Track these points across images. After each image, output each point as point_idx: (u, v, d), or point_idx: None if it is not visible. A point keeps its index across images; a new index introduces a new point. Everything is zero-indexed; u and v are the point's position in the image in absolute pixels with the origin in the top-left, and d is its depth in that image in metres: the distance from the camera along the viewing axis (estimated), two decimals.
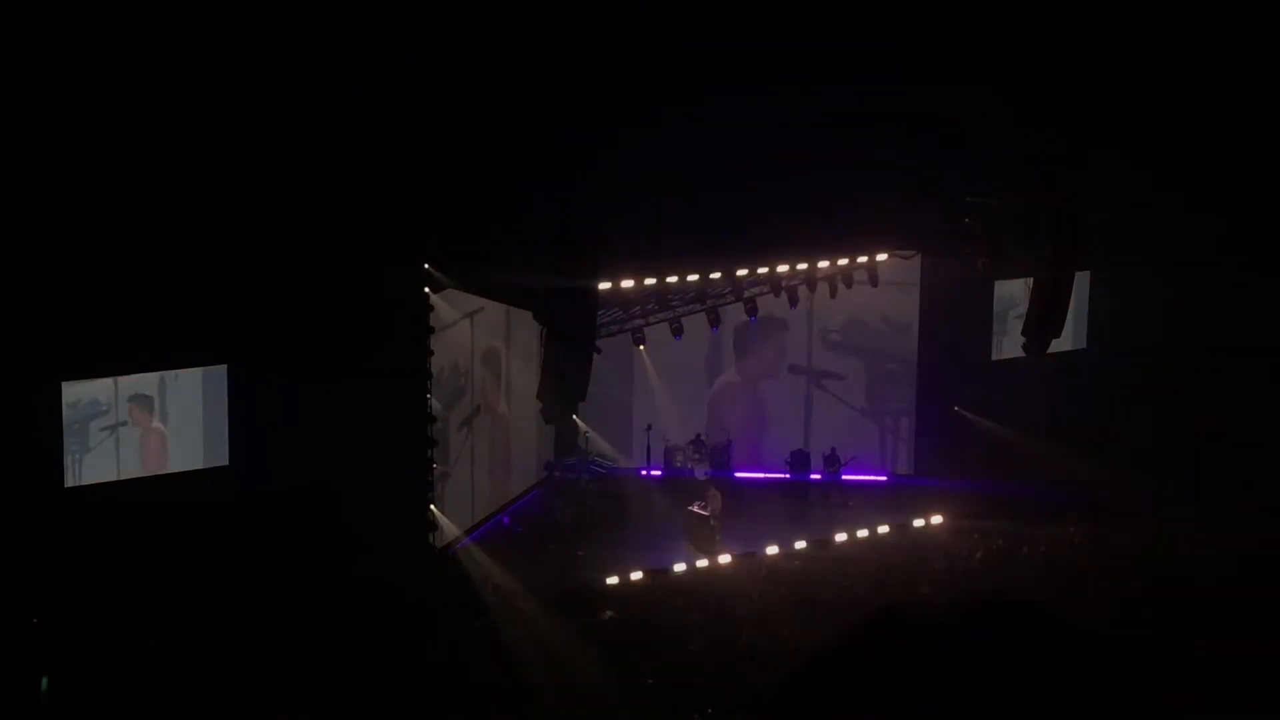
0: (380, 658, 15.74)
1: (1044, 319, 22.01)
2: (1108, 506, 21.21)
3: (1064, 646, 1.28)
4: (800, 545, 21.39)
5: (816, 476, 24.54)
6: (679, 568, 20.31)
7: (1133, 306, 23.65)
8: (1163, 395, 23.07)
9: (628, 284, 21.04)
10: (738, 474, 24.82)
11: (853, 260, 23.44)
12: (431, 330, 19.54)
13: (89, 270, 15.81)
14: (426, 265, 19.16)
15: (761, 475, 25.08)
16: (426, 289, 19.32)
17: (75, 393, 16.58)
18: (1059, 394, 23.81)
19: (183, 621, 15.62)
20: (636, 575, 19.84)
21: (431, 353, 19.59)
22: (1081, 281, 23.63)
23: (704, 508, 21.66)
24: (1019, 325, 23.53)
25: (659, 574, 19.89)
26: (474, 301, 21.11)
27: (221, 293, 16.83)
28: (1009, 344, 24.50)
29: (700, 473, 24.28)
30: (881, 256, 23.51)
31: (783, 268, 22.77)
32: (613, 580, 19.72)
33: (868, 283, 24.06)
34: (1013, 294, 24.63)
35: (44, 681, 13.67)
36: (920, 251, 24.24)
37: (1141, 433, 22.50)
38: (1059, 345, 23.13)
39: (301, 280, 17.30)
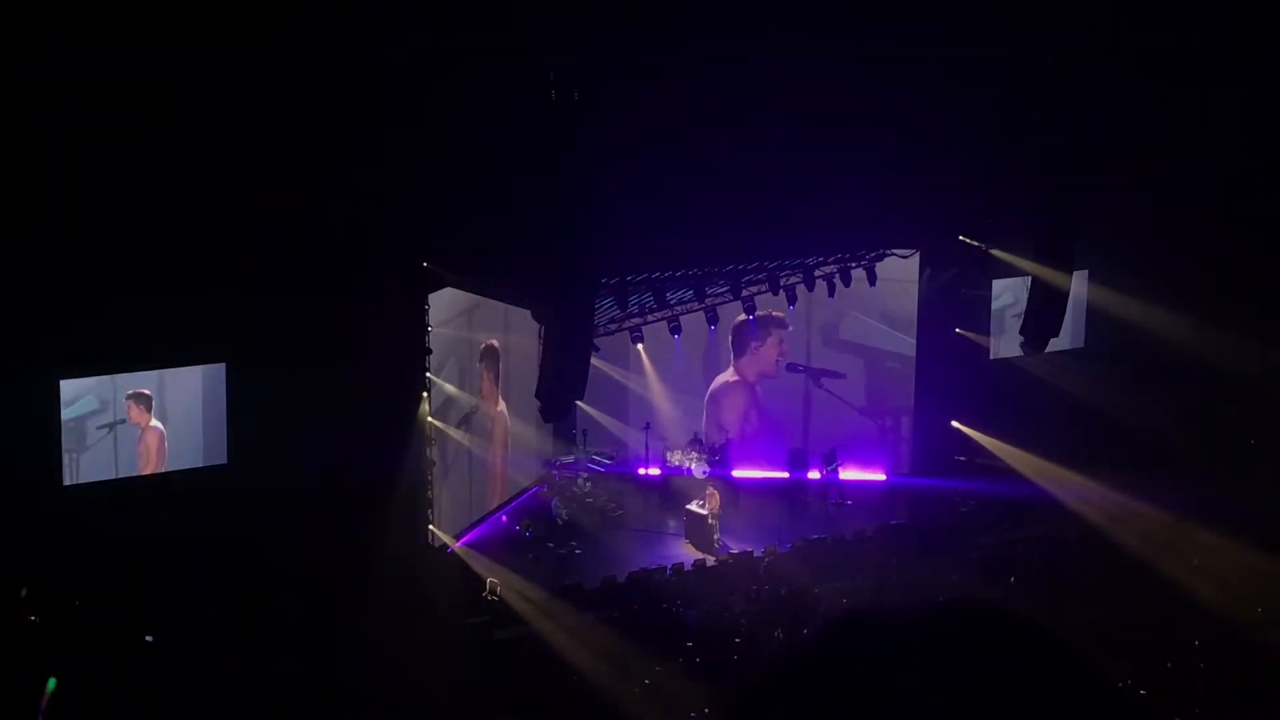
0: (379, 655, 15.75)
1: (1042, 318, 22.02)
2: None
3: (1031, 648, 1.28)
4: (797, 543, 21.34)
5: (815, 475, 24.54)
6: (677, 566, 20.29)
7: (1130, 305, 23.67)
8: (1160, 394, 23.09)
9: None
10: (735, 473, 24.82)
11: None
12: (429, 329, 19.54)
13: (87, 267, 15.79)
14: (425, 264, 19.17)
15: (760, 474, 25.08)
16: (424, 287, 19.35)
17: (72, 390, 16.56)
18: (1057, 393, 23.84)
19: (180, 620, 15.62)
20: (634, 574, 19.82)
21: (429, 351, 19.59)
22: (1079, 280, 23.68)
23: (702, 506, 21.67)
24: (1017, 324, 23.59)
25: (657, 573, 19.89)
26: (471, 299, 21.10)
27: (220, 290, 16.83)
28: (1007, 343, 24.54)
29: (698, 471, 24.29)
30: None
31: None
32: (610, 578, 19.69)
33: (866, 280, 24.13)
34: (1011, 293, 24.66)
35: (50, 683, 13.66)
36: (918, 250, 24.28)
37: (1139, 431, 22.55)
38: (1056, 344, 23.19)
39: (300, 278, 17.30)
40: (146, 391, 17.23)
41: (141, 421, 17.22)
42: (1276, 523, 19.29)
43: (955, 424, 24.51)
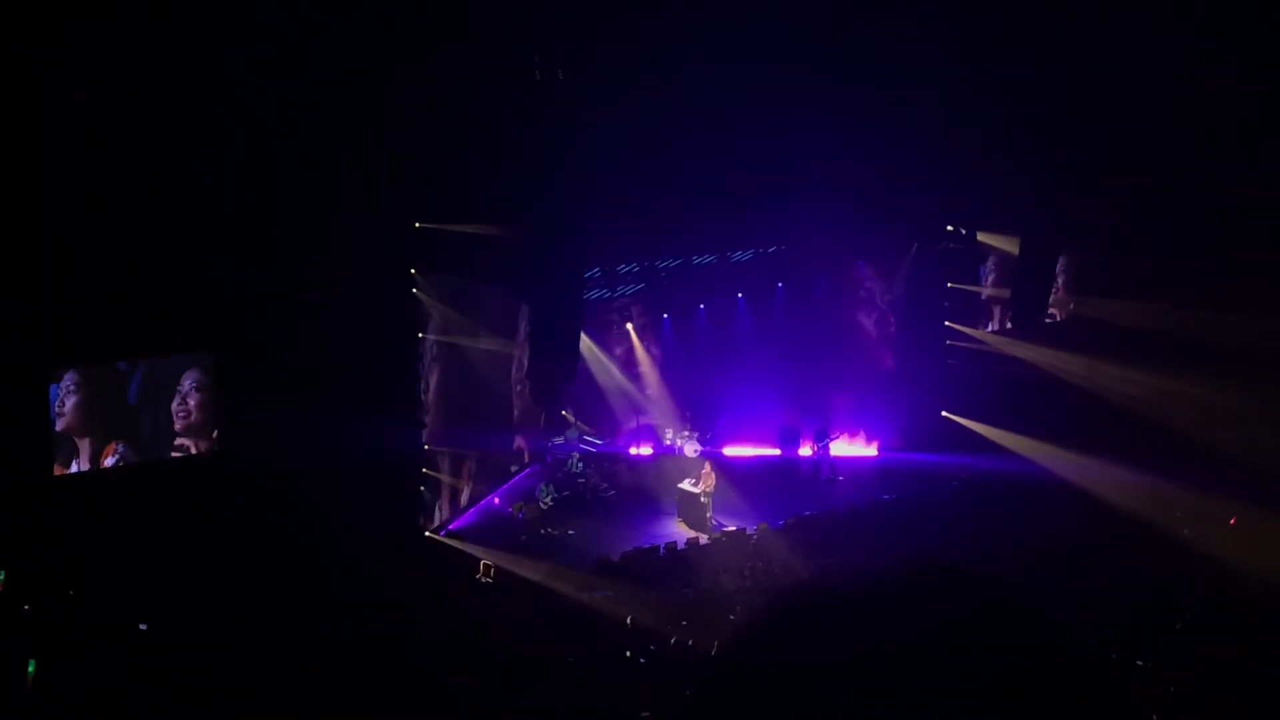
0: (371, 641, 15.76)
1: (1029, 296, 22.11)
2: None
3: (989, 608, 1.28)
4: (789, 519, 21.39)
5: (806, 452, 24.61)
6: (670, 545, 20.32)
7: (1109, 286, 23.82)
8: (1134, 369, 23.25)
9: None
10: (727, 450, 24.88)
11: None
12: (419, 312, 19.54)
13: (78, 259, 15.73)
14: (413, 260, 19.19)
15: (751, 451, 25.14)
16: (413, 270, 19.34)
17: None
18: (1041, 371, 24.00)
19: (172, 609, 15.63)
20: (628, 553, 19.86)
21: (420, 335, 19.59)
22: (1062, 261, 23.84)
23: (695, 485, 21.70)
24: (1006, 301, 23.70)
25: (651, 552, 19.92)
26: (461, 283, 21.01)
27: (209, 281, 16.78)
28: (994, 322, 24.68)
29: (690, 451, 24.34)
30: None
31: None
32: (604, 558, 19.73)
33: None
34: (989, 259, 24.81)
35: (30, 666, 13.68)
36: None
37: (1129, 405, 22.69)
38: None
39: (289, 267, 17.26)
40: None
41: None
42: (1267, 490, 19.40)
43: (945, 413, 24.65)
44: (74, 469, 16.30)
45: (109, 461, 16.52)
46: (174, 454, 17.15)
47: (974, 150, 21.96)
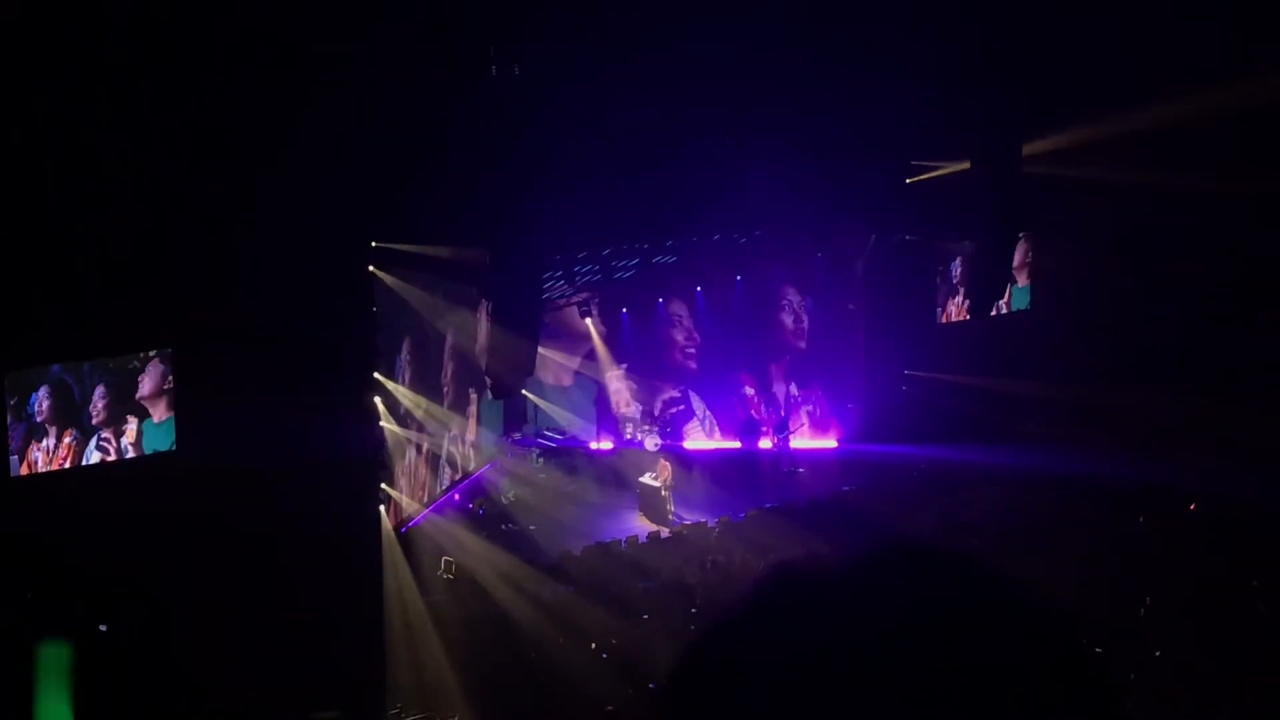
0: (333, 638, 15.70)
1: (986, 282, 22.18)
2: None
3: (972, 590, 1.27)
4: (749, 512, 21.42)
5: (766, 445, 24.65)
6: (632, 539, 20.33)
7: (1072, 268, 23.93)
8: (1101, 354, 23.40)
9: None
10: (687, 444, 24.90)
11: None
12: (376, 307, 19.45)
13: (29, 256, 15.55)
14: (373, 244, 19.06)
15: (712, 445, 25.16)
16: (371, 267, 19.24)
17: None
18: (1002, 354, 24.09)
19: (133, 609, 15.50)
20: (590, 547, 19.85)
21: (378, 329, 19.49)
22: (1023, 244, 23.92)
23: (655, 478, 21.72)
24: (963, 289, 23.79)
25: (612, 545, 19.93)
26: (420, 277, 20.91)
27: (163, 276, 16.62)
28: (954, 308, 24.77)
29: (650, 445, 24.34)
30: None
31: None
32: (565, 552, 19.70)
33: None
34: (957, 258, 24.88)
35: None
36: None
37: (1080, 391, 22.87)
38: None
39: (244, 261, 17.12)
40: None
41: None
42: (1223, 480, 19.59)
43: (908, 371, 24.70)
44: (45, 445, 16.31)
45: (67, 440, 16.50)
46: (102, 442, 17.08)
47: (936, 144, 22.09)
